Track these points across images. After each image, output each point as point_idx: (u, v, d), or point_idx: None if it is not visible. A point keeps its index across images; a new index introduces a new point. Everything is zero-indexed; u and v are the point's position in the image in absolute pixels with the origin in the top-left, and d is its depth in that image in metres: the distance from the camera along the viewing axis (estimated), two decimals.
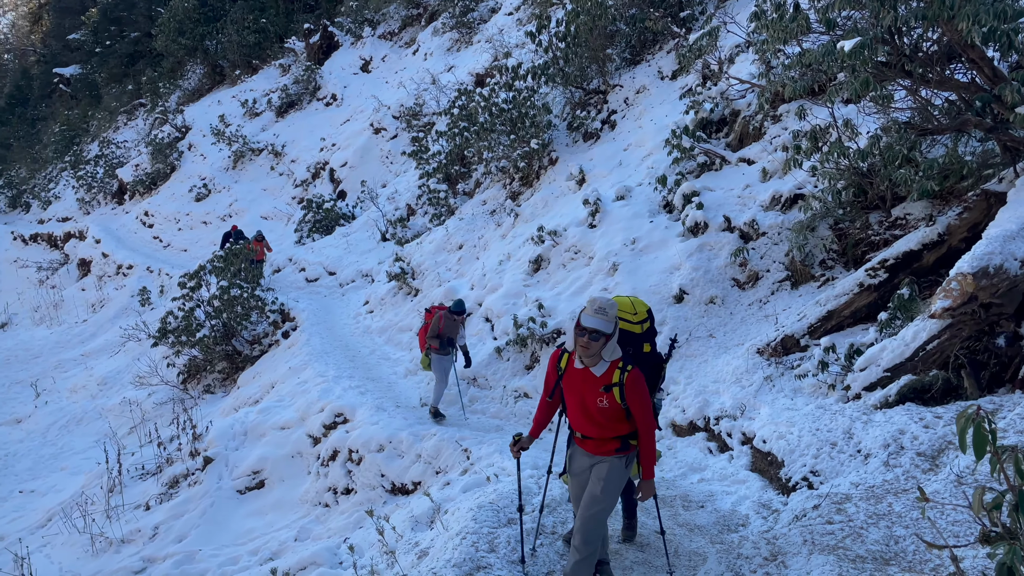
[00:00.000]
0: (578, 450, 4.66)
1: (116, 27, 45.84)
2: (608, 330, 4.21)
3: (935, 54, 7.49)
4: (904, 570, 4.14)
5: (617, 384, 4.28)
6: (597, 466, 4.53)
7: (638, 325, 4.72)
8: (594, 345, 4.22)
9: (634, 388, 4.29)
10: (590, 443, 4.55)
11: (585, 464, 4.61)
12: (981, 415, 2.01)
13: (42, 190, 39.61)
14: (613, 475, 4.47)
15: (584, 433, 4.55)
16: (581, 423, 4.52)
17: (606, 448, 4.50)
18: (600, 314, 4.21)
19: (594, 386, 4.33)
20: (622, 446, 4.51)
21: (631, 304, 4.77)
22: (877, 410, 6.44)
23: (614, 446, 4.50)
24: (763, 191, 10.76)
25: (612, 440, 4.49)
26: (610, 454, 4.50)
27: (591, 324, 4.19)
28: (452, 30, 27.77)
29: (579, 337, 4.26)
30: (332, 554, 7.98)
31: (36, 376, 20.13)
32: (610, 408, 4.34)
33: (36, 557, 10.11)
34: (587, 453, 4.58)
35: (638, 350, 4.71)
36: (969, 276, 6.22)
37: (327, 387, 11.79)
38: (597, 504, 4.45)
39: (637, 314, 4.73)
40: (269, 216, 26.59)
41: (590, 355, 4.27)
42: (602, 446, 4.51)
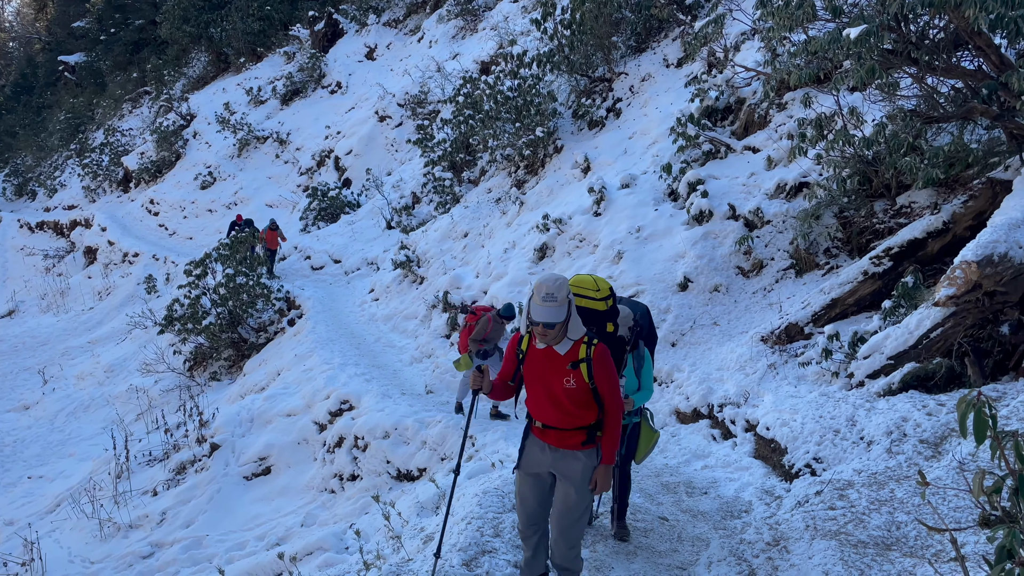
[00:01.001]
0: (536, 443, 4.19)
1: (121, 15, 45.77)
2: (560, 318, 3.86)
3: (941, 41, 7.46)
4: (905, 555, 4.17)
5: (584, 360, 3.93)
6: (564, 467, 4.11)
7: (601, 302, 4.40)
8: (551, 332, 3.91)
9: (602, 362, 3.95)
10: (552, 434, 4.11)
11: (545, 461, 4.16)
12: (982, 400, 2.04)
13: (48, 178, 39.72)
14: (587, 475, 4.09)
15: (546, 422, 4.11)
16: (544, 410, 4.11)
17: (571, 441, 4.08)
18: (549, 301, 3.83)
19: (560, 365, 3.97)
20: (588, 438, 4.09)
21: (593, 280, 4.45)
22: (880, 397, 6.46)
23: (579, 439, 4.08)
24: (768, 179, 10.75)
25: (577, 431, 4.08)
26: (576, 448, 4.09)
27: (541, 318, 3.85)
28: (457, 17, 27.68)
29: (533, 327, 3.96)
30: (338, 539, 8.06)
31: (43, 363, 20.26)
32: (577, 389, 3.96)
33: (45, 542, 10.22)
34: (548, 446, 4.13)
35: (601, 329, 4.42)
36: (974, 264, 6.23)
37: (333, 374, 11.86)
38: (576, 511, 4.14)
39: (599, 290, 4.41)
40: (274, 204, 26.63)
41: (548, 340, 3.97)
42: (566, 438, 4.09)
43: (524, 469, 4.24)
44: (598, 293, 4.40)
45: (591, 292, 4.40)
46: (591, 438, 4.09)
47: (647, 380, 5.06)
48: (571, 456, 4.08)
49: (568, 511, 4.13)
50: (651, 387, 5.12)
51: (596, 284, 4.44)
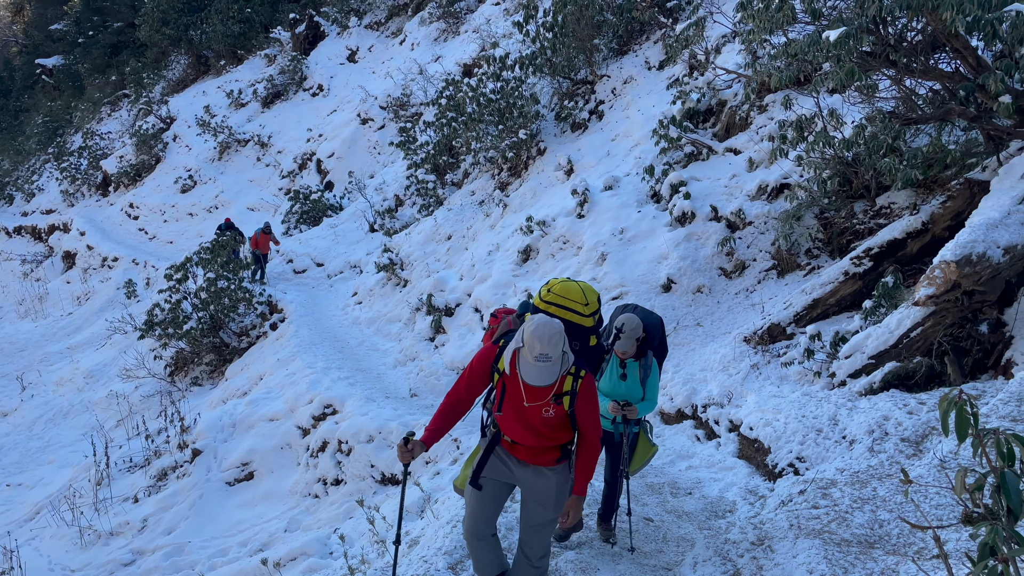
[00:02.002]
0: (504, 455, 3.89)
1: (99, 17, 45.33)
2: (554, 379, 3.47)
3: (919, 44, 7.54)
4: (889, 552, 4.20)
5: (569, 393, 3.63)
6: (533, 483, 3.84)
7: (589, 318, 4.04)
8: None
9: (587, 397, 3.68)
10: (523, 451, 3.83)
11: (509, 473, 3.88)
12: (963, 399, 2.05)
13: (25, 182, 39.22)
14: (561, 495, 3.85)
15: (517, 440, 3.82)
16: (516, 432, 3.79)
17: (543, 458, 3.83)
18: (543, 362, 3.41)
19: (541, 396, 3.65)
20: (562, 455, 3.85)
21: (582, 293, 4.04)
22: (862, 397, 6.52)
23: (553, 456, 3.83)
24: (750, 181, 10.81)
25: (551, 450, 3.83)
26: (548, 464, 3.83)
27: (534, 381, 3.46)
28: (439, 20, 27.66)
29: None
30: (323, 544, 8.01)
31: (22, 369, 20.00)
32: (555, 417, 3.68)
33: (25, 550, 10.08)
34: (514, 459, 3.86)
35: (584, 344, 4.07)
36: (952, 264, 6.29)
37: (316, 378, 11.79)
38: (546, 528, 3.93)
39: (588, 304, 4.04)
40: (256, 207, 26.46)
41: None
42: (538, 455, 3.83)
43: (487, 474, 3.90)
44: (587, 308, 4.04)
45: (579, 307, 4.02)
46: (565, 454, 3.86)
47: (652, 391, 4.91)
48: (542, 473, 3.83)
49: (539, 530, 3.92)
50: (656, 398, 4.96)
51: (585, 296, 4.05)
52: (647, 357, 4.91)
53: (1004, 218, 6.43)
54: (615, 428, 4.98)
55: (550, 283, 4.06)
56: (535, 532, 3.91)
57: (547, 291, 4.02)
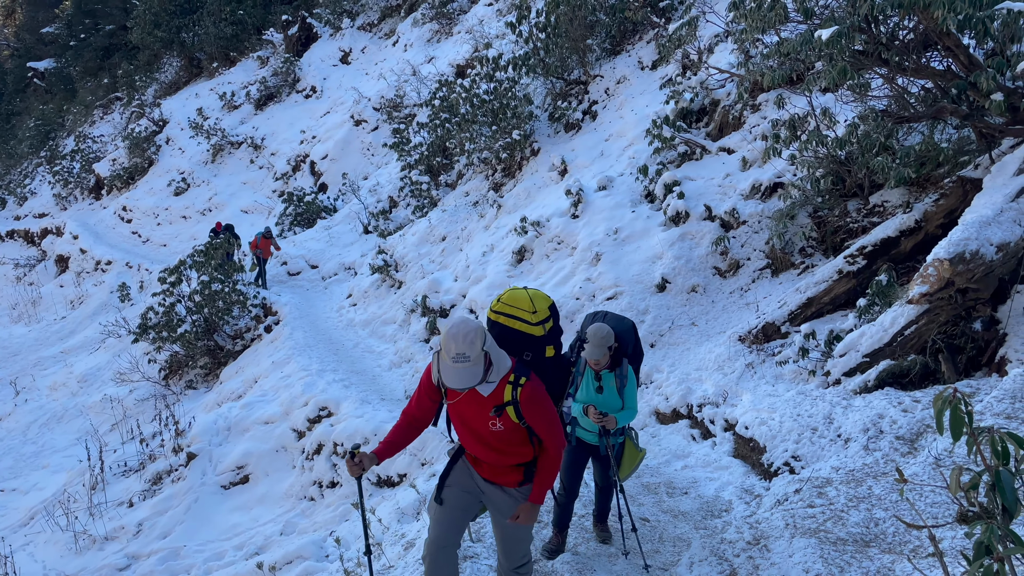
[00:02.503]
0: (468, 469, 3.74)
1: (91, 20, 45.17)
2: (476, 380, 3.24)
3: (911, 42, 7.56)
4: (884, 551, 4.20)
5: (511, 403, 3.40)
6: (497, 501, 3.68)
7: (539, 326, 3.66)
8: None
9: (532, 403, 3.41)
10: (485, 468, 3.67)
11: (478, 486, 3.72)
12: (957, 397, 2.05)
13: (17, 186, 39.04)
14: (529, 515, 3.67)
15: (477, 456, 3.66)
16: (473, 446, 3.63)
17: (506, 479, 3.64)
18: (461, 362, 3.20)
19: (483, 408, 3.45)
20: (525, 478, 3.64)
21: (529, 300, 3.68)
22: (857, 395, 6.52)
23: (515, 478, 3.63)
24: (743, 180, 10.83)
25: (514, 470, 3.63)
26: (511, 485, 3.64)
27: (453, 383, 3.25)
28: (432, 21, 27.64)
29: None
30: (318, 547, 7.99)
31: (15, 374, 19.90)
32: (506, 430, 3.48)
33: (19, 556, 10.03)
34: (476, 475, 3.71)
35: (539, 355, 3.70)
36: (946, 262, 6.31)
37: (311, 381, 11.76)
38: (522, 541, 3.77)
39: (537, 312, 3.66)
40: (249, 210, 26.40)
41: (466, 389, 3.40)
42: (500, 475, 3.65)
43: (451, 482, 3.72)
44: (535, 316, 3.65)
45: (526, 315, 3.64)
46: (528, 477, 3.64)
47: (631, 399, 4.82)
48: (506, 493, 3.66)
49: (514, 545, 3.77)
50: (635, 407, 4.87)
51: (532, 304, 3.67)
52: (622, 366, 4.79)
53: (997, 216, 6.45)
54: (600, 441, 4.89)
55: (502, 294, 3.80)
56: (511, 542, 3.77)
57: (497, 301, 3.74)
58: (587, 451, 5.00)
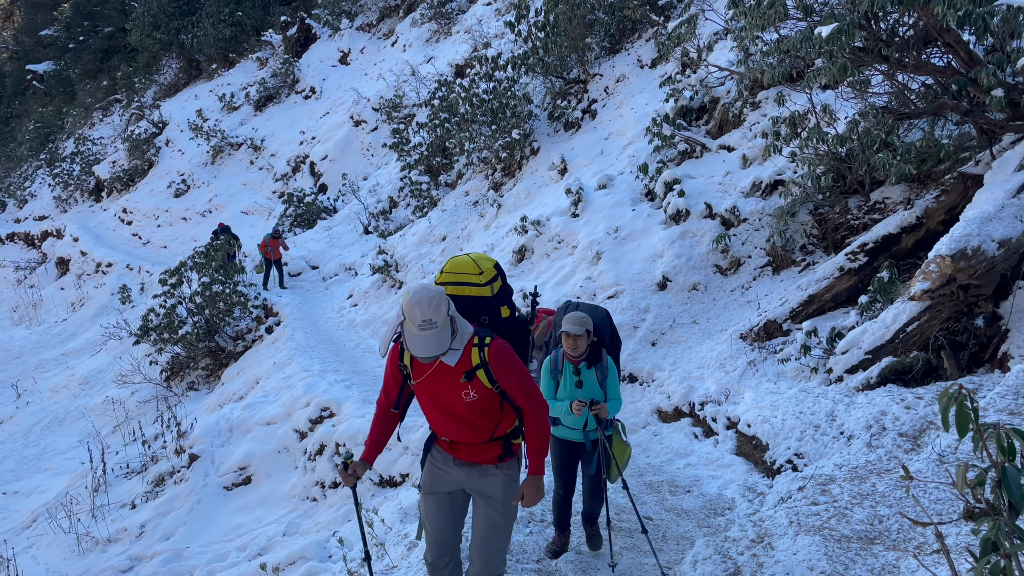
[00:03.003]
0: (443, 456, 3.58)
1: (89, 22, 45.16)
2: (445, 346, 3.13)
3: (911, 39, 7.55)
4: (889, 548, 4.20)
5: (480, 365, 3.28)
6: (480, 485, 3.52)
7: (487, 287, 3.54)
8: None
9: (502, 361, 3.29)
10: (463, 449, 3.51)
11: (456, 478, 3.55)
12: (963, 393, 2.04)
13: (17, 188, 39.05)
14: (509, 493, 3.51)
15: (452, 437, 3.51)
16: (446, 427, 3.49)
17: (484, 457, 3.49)
18: (428, 329, 3.07)
19: (452, 379, 3.32)
20: (504, 451, 3.50)
21: (472, 263, 3.58)
22: (859, 392, 6.52)
23: (494, 453, 3.49)
24: (743, 178, 10.82)
25: (493, 445, 3.49)
26: (491, 463, 3.49)
27: (421, 352, 3.12)
28: (431, 21, 27.62)
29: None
30: (321, 548, 7.99)
31: (16, 377, 19.90)
32: (480, 399, 3.34)
33: (22, 558, 10.03)
34: (459, 462, 3.53)
35: (494, 317, 3.58)
36: (947, 258, 6.30)
37: (312, 381, 11.76)
38: (501, 533, 3.56)
39: (483, 272, 3.56)
40: (249, 211, 26.39)
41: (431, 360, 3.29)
42: (479, 453, 3.49)
43: (430, 489, 3.59)
44: (481, 276, 3.54)
45: (473, 277, 3.52)
46: (508, 450, 3.51)
47: (614, 390, 4.74)
48: (488, 473, 3.50)
49: (491, 535, 3.55)
50: (619, 397, 4.79)
51: (478, 266, 3.56)
52: (603, 358, 4.72)
53: (998, 211, 6.44)
54: (585, 436, 4.78)
55: (444, 265, 3.66)
56: (488, 541, 3.56)
57: (440, 273, 3.60)
58: (575, 449, 4.88)
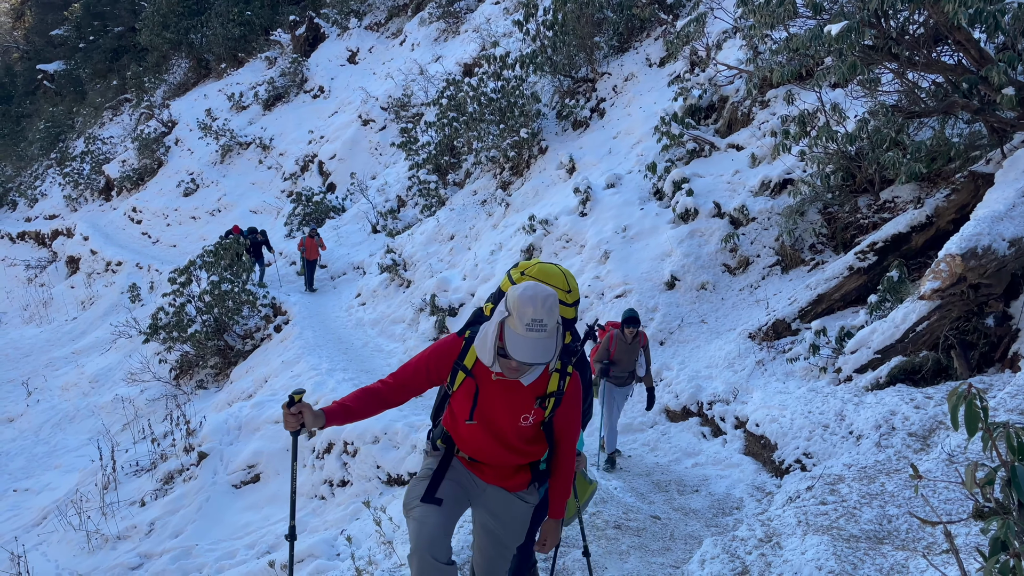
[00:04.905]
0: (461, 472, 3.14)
1: (99, 22, 45.38)
2: (550, 355, 2.72)
3: (922, 37, 7.51)
4: (898, 548, 4.18)
5: (555, 393, 2.96)
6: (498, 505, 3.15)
7: (573, 307, 3.27)
8: (527, 368, 2.82)
9: (575, 395, 3.03)
10: (488, 471, 3.12)
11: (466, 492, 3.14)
12: (973, 393, 2.03)
13: (28, 188, 39.29)
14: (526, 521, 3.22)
15: (480, 458, 3.10)
16: (481, 447, 3.06)
17: (512, 482, 3.14)
18: (537, 331, 2.66)
19: (518, 399, 2.93)
20: (533, 477, 3.17)
21: (563, 276, 3.22)
22: (868, 392, 6.49)
23: (524, 479, 3.15)
24: (752, 177, 10.79)
25: (522, 471, 3.15)
26: (520, 488, 3.14)
27: (527, 357, 2.68)
28: (439, 20, 27.64)
29: (505, 359, 2.77)
30: (329, 546, 8.01)
31: (27, 375, 20.02)
32: (533, 425, 3.01)
33: (32, 555, 10.09)
34: (475, 478, 3.14)
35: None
36: (958, 257, 6.27)
37: (321, 380, 11.79)
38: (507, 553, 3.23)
39: (571, 292, 3.24)
40: (258, 210, 26.47)
41: (523, 373, 2.87)
42: (507, 478, 3.13)
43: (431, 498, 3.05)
44: (570, 295, 3.23)
45: (562, 294, 3.15)
46: (537, 474, 3.18)
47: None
48: (513, 499, 3.16)
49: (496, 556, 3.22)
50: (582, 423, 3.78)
51: (567, 283, 3.23)
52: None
53: (1009, 211, 6.41)
54: None
55: (521, 265, 3.28)
56: (496, 561, 3.23)
57: (520, 273, 3.20)
58: None
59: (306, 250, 18.14)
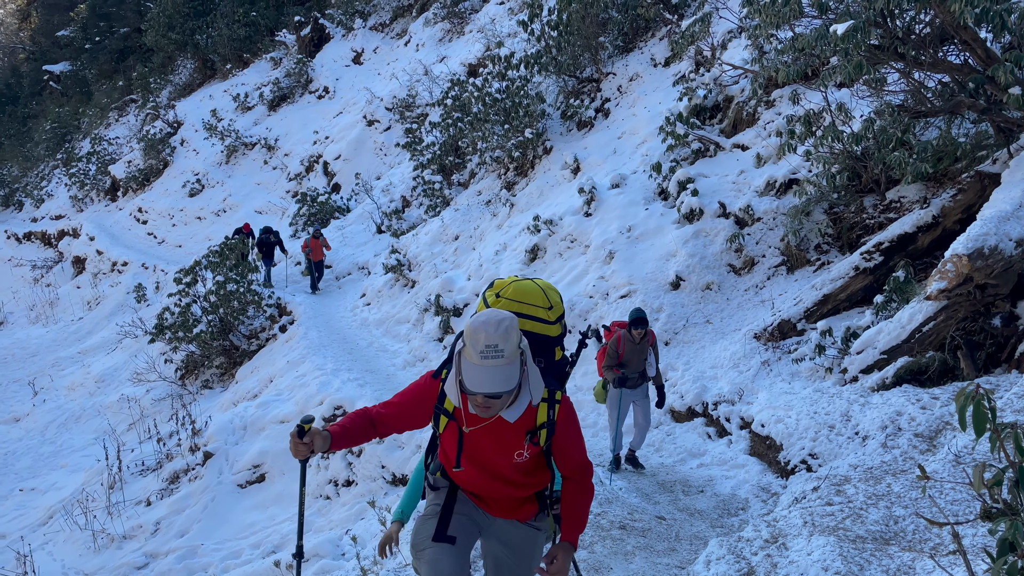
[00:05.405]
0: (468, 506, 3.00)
1: (105, 23, 45.53)
2: (511, 384, 2.53)
3: (928, 36, 7.49)
4: (904, 549, 4.17)
5: (546, 424, 2.76)
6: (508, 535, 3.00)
7: (556, 324, 3.00)
8: (496, 403, 2.60)
9: (569, 421, 2.82)
10: (493, 505, 2.97)
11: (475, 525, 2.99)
12: (980, 393, 2.03)
13: (34, 188, 39.44)
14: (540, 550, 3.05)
15: (482, 495, 2.96)
16: (479, 485, 2.92)
17: (519, 513, 2.99)
18: (493, 357, 2.48)
19: (509, 438, 2.76)
20: (540, 506, 3.02)
21: (541, 294, 2.98)
22: (874, 392, 6.48)
23: (531, 510, 3.00)
24: (758, 177, 10.77)
25: (528, 502, 2.99)
26: (527, 519, 3.00)
27: (481, 387, 2.51)
28: (444, 20, 27.66)
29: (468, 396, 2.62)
30: (335, 545, 8.02)
31: (33, 374, 20.10)
32: (530, 459, 2.83)
33: (38, 555, 10.12)
34: (479, 510, 3.00)
35: (549, 359, 3.00)
36: (964, 257, 6.25)
37: (326, 380, 11.81)
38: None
39: (553, 308, 2.99)
40: (263, 210, 26.52)
41: (493, 414, 2.65)
42: (512, 509, 2.97)
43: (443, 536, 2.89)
44: (551, 312, 2.98)
45: (542, 311, 2.95)
46: (543, 503, 3.03)
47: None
48: (521, 528, 3.02)
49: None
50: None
51: (547, 298, 2.98)
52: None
53: (1016, 210, 6.38)
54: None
55: (496, 284, 3.03)
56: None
57: (495, 296, 2.97)
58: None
59: (311, 251, 18.01)
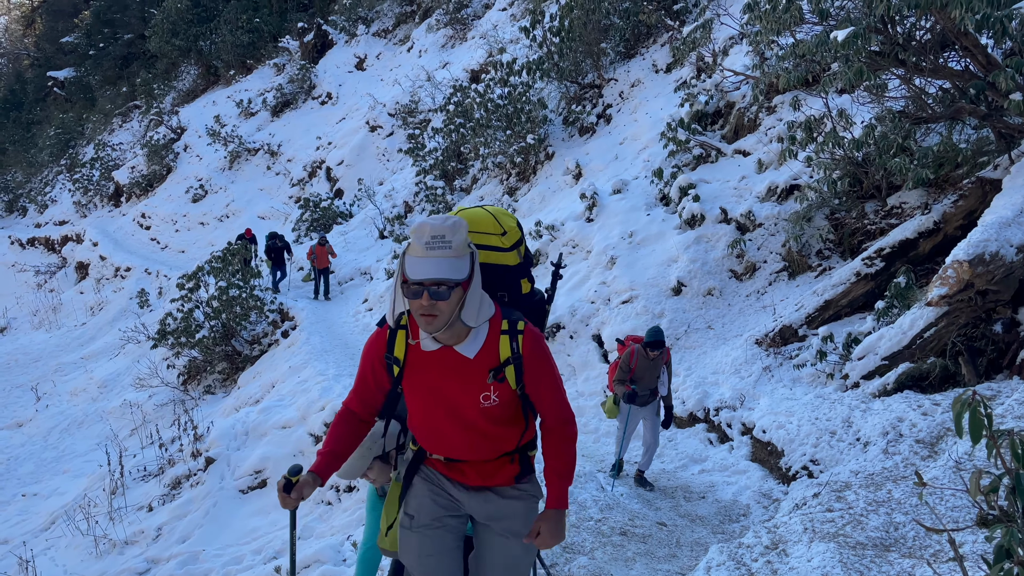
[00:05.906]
0: (437, 479, 2.71)
1: (109, 29, 45.72)
2: (462, 274, 2.34)
3: (928, 42, 7.50)
4: (904, 555, 4.17)
5: (512, 359, 2.48)
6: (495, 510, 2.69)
7: (512, 252, 2.71)
8: (441, 306, 2.33)
9: (537, 358, 2.52)
10: (468, 471, 2.66)
11: (454, 502, 2.71)
12: (977, 400, 2.03)
13: (38, 194, 39.57)
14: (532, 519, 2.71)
15: (454, 455, 2.66)
16: (448, 443, 2.64)
17: (500, 477, 2.67)
18: (438, 247, 2.30)
19: (469, 377, 2.50)
20: (523, 467, 2.70)
21: (492, 220, 2.70)
22: (875, 398, 6.47)
23: (511, 472, 2.68)
24: (759, 182, 10.78)
25: (508, 462, 2.68)
26: (508, 484, 2.68)
27: (425, 274, 2.31)
28: (446, 26, 27.74)
29: (411, 299, 2.36)
30: (336, 551, 8.01)
31: (36, 380, 20.13)
32: (500, 404, 2.54)
33: (40, 560, 10.13)
34: (460, 485, 2.69)
35: (515, 292, 2.74)
36: (965, 263, 6.25)
37: (328, 385, 11.81)
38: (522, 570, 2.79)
39: (507, 234, 2.70)
40: (266, 216, 26.58)
41: (438, 325, 2.37)
42: (491, 473, 2.67)
43: (424, 521, 2.67)
44: (505, 238, 2.69)
45: (495, 239, 2.67)
46: (526, 466, 2.71)
47: None
48: (504, 495, 2.69)
49: (509, 568, 2.75)
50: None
51: (499, 223, 2.71)
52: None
53: (1017, 216, 6.39)
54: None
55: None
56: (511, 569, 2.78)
57: None
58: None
59: (316, 259, 17.87)
